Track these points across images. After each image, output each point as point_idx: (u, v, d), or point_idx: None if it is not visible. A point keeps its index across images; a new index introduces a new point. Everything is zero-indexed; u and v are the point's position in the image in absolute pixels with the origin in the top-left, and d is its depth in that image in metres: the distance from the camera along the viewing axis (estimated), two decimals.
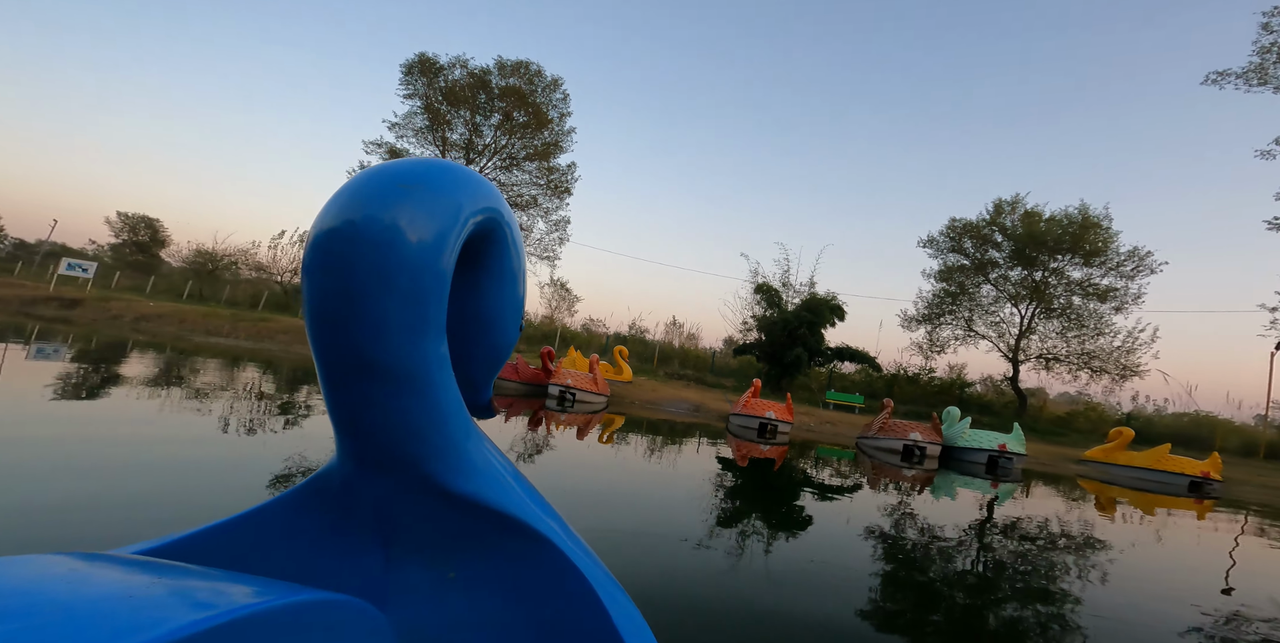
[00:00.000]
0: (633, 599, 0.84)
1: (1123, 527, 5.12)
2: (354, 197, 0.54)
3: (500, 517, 0.72)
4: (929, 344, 19.14)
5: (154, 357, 7.94)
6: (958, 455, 8.68)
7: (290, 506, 0.73)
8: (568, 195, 20.86)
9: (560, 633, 0.71)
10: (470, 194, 0.62)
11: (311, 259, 0.54)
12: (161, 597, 0.38)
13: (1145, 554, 4.03)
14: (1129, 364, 16.71)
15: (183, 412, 4.09)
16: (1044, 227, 17.11)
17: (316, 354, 0.58)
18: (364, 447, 0.65)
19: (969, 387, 18.91)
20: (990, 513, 4.95)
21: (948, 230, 19.22)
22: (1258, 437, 15.40)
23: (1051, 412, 18.06)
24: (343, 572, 0.72)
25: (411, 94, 19.74)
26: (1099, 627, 2.35)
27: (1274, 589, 3.35)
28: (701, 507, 3.60)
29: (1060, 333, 17.85)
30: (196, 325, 14.43)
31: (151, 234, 34.45)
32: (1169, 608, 2.75)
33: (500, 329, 0.83)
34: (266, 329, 14.42)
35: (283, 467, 2.91)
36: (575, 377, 9.83)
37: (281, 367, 8.99)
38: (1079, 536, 4.32)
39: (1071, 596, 2.74)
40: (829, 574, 2.58)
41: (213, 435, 3.49)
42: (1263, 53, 13.04)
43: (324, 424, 4.35)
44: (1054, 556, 3.57)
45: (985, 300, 18.88)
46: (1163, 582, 3.28)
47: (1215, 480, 8.57)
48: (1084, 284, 17.32)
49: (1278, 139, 13.90)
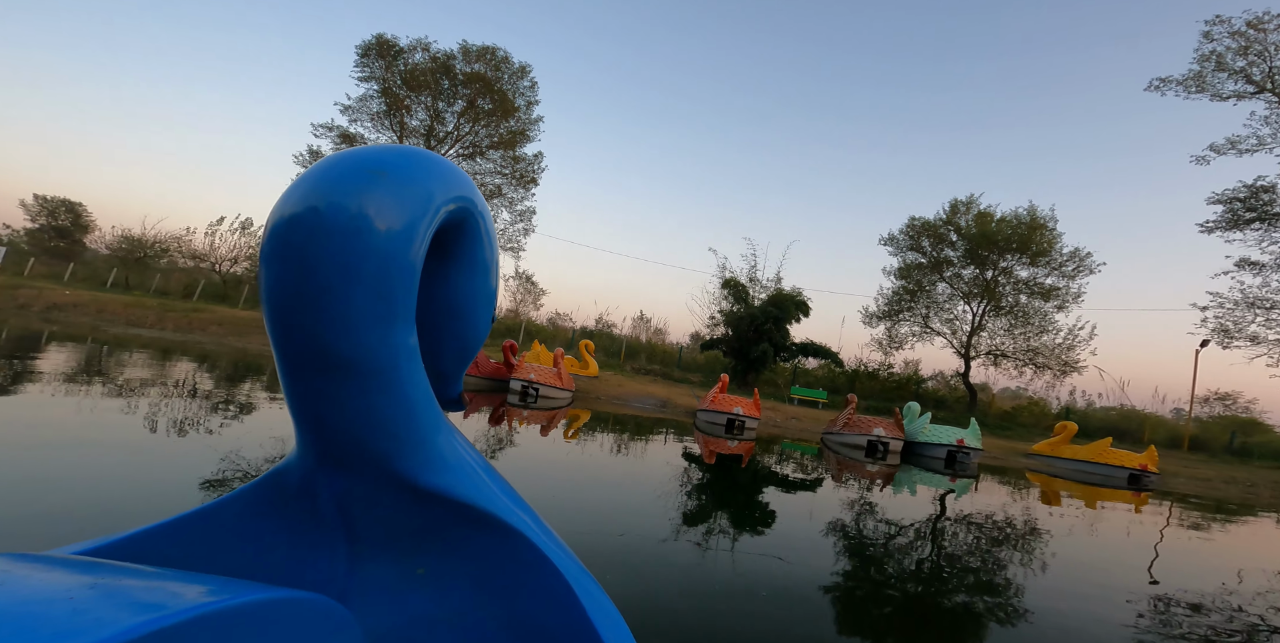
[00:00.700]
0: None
1: (1078, 520, 5.27)
2: (318, 183, 0.52)
3: (471, 511, 0.71)
4: (888, 340, 19.68)
5: (59, 349, 7.13)
6: (918, 451, 8.87)
7: (245, 502, 0.70)
8: (534, 185, 20.30)
9: (534, 627, 0.70)
10: (442, 182, 0.60)
11: (271, 248, 0.52)
12: (106, 598, 0.35)
13: (1103, 545, 4.17)
14: (1069, 360, 17.63)
15: (81, 412, 3.59)
16: (995, 227, 17.81)
17: (275, 346, 0.56)
18: (327, 442, 0.63)
19: (924, 382, 19.56)
20: (950, 508, 4.99)
21: (907, 228, 19.76)
22: (1181, 430, 16.55)
23: (999, 407, 18.90)
24: (303, 570, 0.70)
25: (368, 77, 18.68)
26: (1066, 611, 2.49)
27: (1215, 575, 3.48)
28: (669, 506, 3.45)
29: (1008, 330, 18.67)
30: (117, 316, 13.25)
31: (73, 219, 31.80)
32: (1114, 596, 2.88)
33: (472, 321, 0.81)
34: (198, 320, 13.38)
35: (184, 476, 2.53)
36: (538, 371, 9.51)
37: (211, 361, 8.29)
38: (1039, 530, 4.42)
39: (1032, 586, 2.87)
40: (798, 574, 2.55)
41: (113, 438, 3.05)
42: (1202, 61, 13.83)
43: (247, 429, 3.93)
44: (1021, 548, 3.68)
45: (940, 298, 19.54)
46: (1111, 571, 3.40)
47: (1153, 473, 9.07)
48: (1030, 283, 18.15)
49: (1211, 145, 14.85)
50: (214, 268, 22.36)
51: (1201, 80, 13.96)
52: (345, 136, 18.57)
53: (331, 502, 0.68)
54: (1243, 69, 13.42)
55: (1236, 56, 13.38)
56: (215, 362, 8.23)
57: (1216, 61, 13.56)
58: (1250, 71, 13.39)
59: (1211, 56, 13.58)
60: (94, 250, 28.43)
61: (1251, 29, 12.94)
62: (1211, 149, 14.76)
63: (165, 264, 23.35)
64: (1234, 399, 19.78)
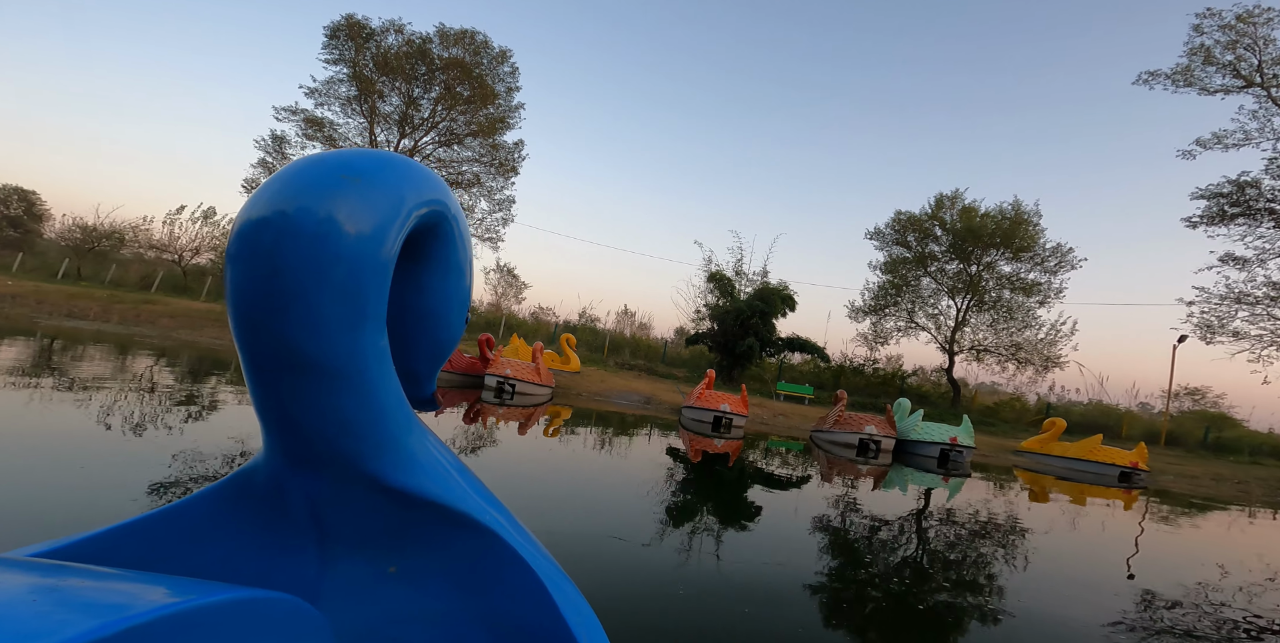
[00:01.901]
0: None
1: (1085, 521, 4.98)
2: (288, 185, 0.52)
3: (444, 510, 0.71)
4: (874, 335, 19.53)
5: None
6: (910, 449, 8.57)
7: (210, 503, 0.69)
8: (514, 174, 19.58)
9: (507, 625, 0.71)
10: (414, 186, 0.60)
11: (238, 249, 0.52)
12: (68, 600, 0.34)
13: (1108, 544, 3.91)
14: (1051, 355, 17.66)
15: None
16: (979, 222, 17.72)
17: (240, 347, 0.56)
18: (295, 443, 0.63)
19: (909, 377, 19.47)
20: (953, 509, 4.66)
21: (893, 223, 19.60)
22: (1156, 425, 16.70)
23: (980, 402, 18.91)
24: (272, 571, 0.69)
25: (337, 60, 17.66)
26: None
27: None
28: (655, 513, 3.06)
29: (990, 325, 18.66)
30: (57, 307, 12.33)
31: (26, 208, 30.14)
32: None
33: (445, 323, 0.81)
34: (147, 312, 12.52)
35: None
36: (515, 366, 8.99)
37: (144, 353, 7.58)
38: (1043, 532, 4.13)
39: (1031, 589, 2.74)
40: (798, 580, 2.40)
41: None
42: (1191, 54, 13.75)
43: (163, 438, 3.37)
44: (1022, 553, 3.45)
45: (925, 293, 19.45)
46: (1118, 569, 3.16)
47: (1143, 470, 8.93)
48: (1012, 278, 18.13)
49: (1198, 140, 14.82)
50: (175, 260, 21.23)
51: (1190, 74, 13.88)
52: (311, 121, 17.60)
53: (301, 502, 0.68)
54: (1231, 63, 13.38)
55: (1225, 50, 13.34)
56: (150, 355, 7.53)
57: (1205, 55, 13.49)
58: (1239, 66, 13.36)
59: (1200, 50, 13.51)
60: (49, 241, 27.00)
61: (1241, 22, 12.89)
62: (1198, 144, 14.75)
63: (128, 255, 22.16)
64: (1203, 394, 20.09)
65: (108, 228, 22.21)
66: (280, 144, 17.50)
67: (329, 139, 17.89)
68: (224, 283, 0.55)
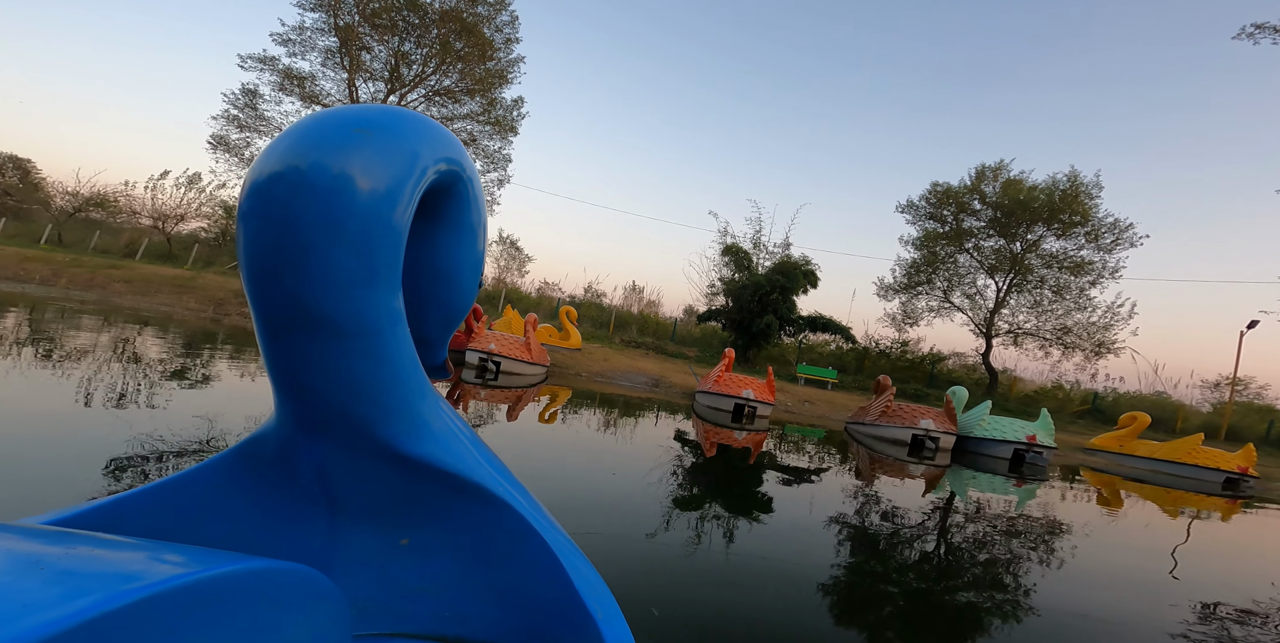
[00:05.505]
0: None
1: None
2: (301, 141, 0.51)
3: (457, 481, 0.69)
4: (903, 316, 17.92)
5: None
6: (973, 448, 7.13)
7: (220, 471, 0.68)
8: (513, 134, 17.94)
9: (520, 598, 0.70)
10: (430, 144, 0.59)
11: (250, 205, 0.51)
12: (79, 568, 0.34)
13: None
14: (1105, 340, 15.99)
15: None
16: (1024, 196, 15.88)
17: (254, 306, 0.55)
18: (308, 408, 0.61)
19: (941, 361, 17.91)
20: (1082, 530, 3.23)
21: (929, 195, 17.80)
22: (1213, 418, 15.08)
23: (1019, 391, 17.35)
24: (282, 540, 0.68)
25: (315, 6, 15.91)
26: None
27: None
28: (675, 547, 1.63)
29: (1032, 307, 16.97)
30: (4, 269, 11.22)
31: (22, 175, 29.28)
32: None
33: (458, 286, 0.79)
34: (105, 277, 11.32)
35: None
36: (500, 341, 7.64)
37: (54, 316, 6.30)
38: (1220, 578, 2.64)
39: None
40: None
41: None
42: None
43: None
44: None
45: (961, 271, 17.76)
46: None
47: (1252, 476, 7.44)
48: (1059, 257, 16.35)
49: (1255, 23, 12.17)
50: (158, 226, 20.03)
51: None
52: (288, 74, 15.96)
53: (311, 470, 0.66)
54: None
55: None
56: (51, 317, 6.25)
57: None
58: None
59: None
60: (36, 209, 26.16)
61: None
62: (1257, 27, 11.71)
63: (120, 222, 21.02)
64: (1246, 384, 18.27)
65: (89, 193, 21.07)
66: (253, 98, 15.94)
67: (310, 96, 16.32)
68: (236, 242, 0.53)
